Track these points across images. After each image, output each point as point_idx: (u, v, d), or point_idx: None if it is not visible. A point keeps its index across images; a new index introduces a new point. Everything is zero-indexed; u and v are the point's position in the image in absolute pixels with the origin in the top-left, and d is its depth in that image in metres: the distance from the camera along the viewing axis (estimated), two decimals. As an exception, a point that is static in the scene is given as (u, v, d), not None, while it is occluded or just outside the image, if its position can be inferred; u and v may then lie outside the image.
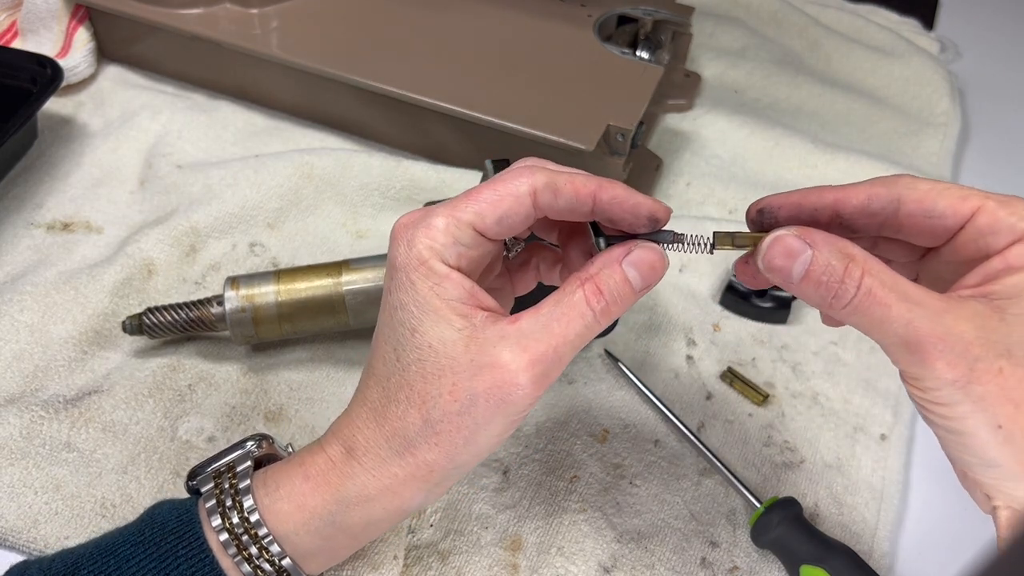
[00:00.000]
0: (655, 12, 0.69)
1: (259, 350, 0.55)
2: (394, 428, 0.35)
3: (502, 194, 0.33)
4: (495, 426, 0.34)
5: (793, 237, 0.32)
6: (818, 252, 0.32)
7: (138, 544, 0.37)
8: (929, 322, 0.30)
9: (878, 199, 0.34)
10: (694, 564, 0.47)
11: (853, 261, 0.31)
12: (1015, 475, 0.31)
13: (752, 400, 0.55)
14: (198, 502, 0.38)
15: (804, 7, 0.86)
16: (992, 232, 0.32)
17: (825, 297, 0.32)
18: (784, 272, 0.32)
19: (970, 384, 0.30)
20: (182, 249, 0.59)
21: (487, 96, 0.61)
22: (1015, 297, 0.31)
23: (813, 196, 0.34)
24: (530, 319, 0.33)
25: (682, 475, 0.51)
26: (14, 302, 0.55)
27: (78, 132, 0.67)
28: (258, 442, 0.41)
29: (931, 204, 0.33)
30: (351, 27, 0.66)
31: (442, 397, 0.33)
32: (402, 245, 0.34)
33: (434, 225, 0.34)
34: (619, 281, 0.34)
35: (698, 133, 0.72)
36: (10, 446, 0.48)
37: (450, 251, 0.34)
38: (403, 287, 0.34)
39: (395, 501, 0.36)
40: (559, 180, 0.33)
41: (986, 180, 0.74)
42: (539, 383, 0.33)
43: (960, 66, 0.84)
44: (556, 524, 0.48)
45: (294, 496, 0.37)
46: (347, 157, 0.64)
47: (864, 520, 0.50)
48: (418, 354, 0.34)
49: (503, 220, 0.33)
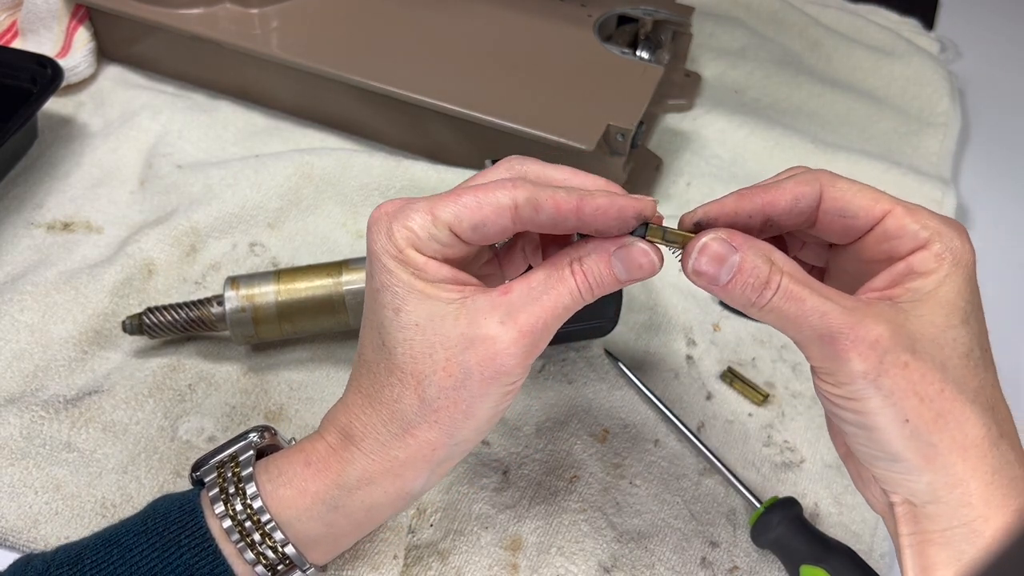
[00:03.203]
0: (655, 12, 0.69)
1: (259, 350, 0.55)
2: (391, 411, 0.35)
3: (482, 202, 0.33)
4: (491, 398, 0.34)
5: (720, 242, 0.33)
6: (745, 256, 0.33)
7: (141, 534, 0.37)
8: (842, 314, 0.32)
9: (804, 198, 0.34)
10: (694, 564, 0.47)
11: (774, 263, 0.32)
12: (917, 468, 0.32)
13: (752, 400, 0.55)
14: (201, 493, 0.38)
15: (804, 7, 0.86)
16: (897, 236, 0.34)
17: (750, 298, 0.33)
18: (710, 276, 0.33)
19: (879, 377, 0.31)
20: (182, 249, 0.59)
21: (487, 96, 0.61)
22: (917, 300, 0.33)
23: (746, 202, 0.35)
24: (520, 289, 0.34)
25: (682, 475, 0.51)
26: (14, 302, 0.55)
27: (78, 132, 0.67)
28: (260, 433, 0.41)
29: (846, 204, 0.34)
30: (351, 27, 0.66)
31: (436, 374, 0.34)
32: (380, 234, 0.35)
33: (412, 218, 0.34)
34: (604, 270, 0.34)
35: (698, 133, 0.72)
36: (10, 446, 0.48)
37: (427, 245, 0.34)
38: (383, 271, 0.34)
39: (397, 483, 0.36)
40: (540, 196, 0.33)
41: (986, 180, 0.74)
42: (529, 354, 0.34)
43: (960, 66, 0.84)
44: (556, 524, 0.48)
45: (295, 482, 0.37)
46: (347, 157, 0.64)
47: (864, 520, 0.50)
48: (403, 334, 0.34)
49: (479, 228, 0.34)
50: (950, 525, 0.32)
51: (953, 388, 0.32)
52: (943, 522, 0.32)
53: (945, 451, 0.32)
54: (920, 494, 0.33)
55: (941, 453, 0.32)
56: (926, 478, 0.32)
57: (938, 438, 0.32)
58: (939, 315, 0.32)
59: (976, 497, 0.32)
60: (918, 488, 0.32)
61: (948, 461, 0.32)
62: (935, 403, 0.31)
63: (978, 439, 0.32)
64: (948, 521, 0.32)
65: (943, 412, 0.32)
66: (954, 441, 0.32)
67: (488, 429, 0.36)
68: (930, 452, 0.32)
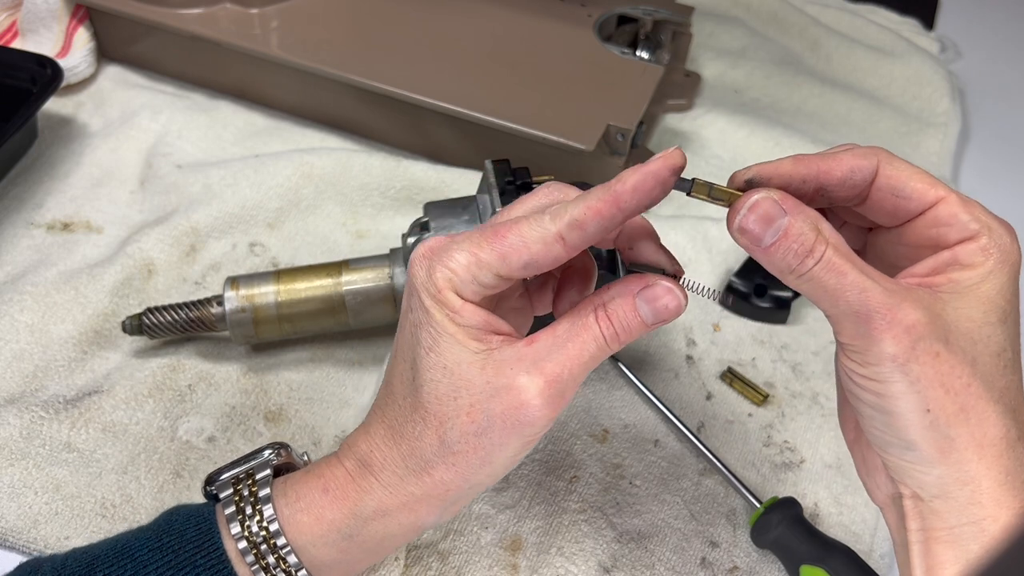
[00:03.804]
0: (655, 12, 0.69)
1: (259, 350, 0.55)
2: (411, 448, 0.35)
3: (527, 239, 0.33)
4: (510, 448, 0.34)
5: (771, 202, 0.32)
6: (793, 219, 0.32)
7: (156, 550, 0.36)
8: (882, 295, 0.31)
9: (860, 171, 0.34)
10: (694, 564, 0.47)
11: (820, 232, 0.32)
12: (930, 460, 0.32)
13: (752, 400, 0.55)
14: (216, 508, 0.38)
15: (804, 7, 0.86)
16: (947, 225, 0.33)
17: (791, 264, 0.32)
18: (755, 236, 0.32)
19: (909, 363, 0.31)
20: (182, 249, 0.59)
21: (487, 96, 0.61)
22: (958, 293, 0.32)
23: (802, 167, 0.34)
24: (546, 340, 0.34)
25: (682, 475, 0.51)
26: (14, 302, 0.55)
27: (78, 132, 0.67)
28: (276, 451, 0.40)
29: (901, 183, 0.34)
30: (351, 27, 0.66)
31: (459, 418, 0.34)
32: (421, 271, 0.34)
33: (455, 259, 0.33)
34: (629, 314, 0.34)
35: (698, 133, 0.72)
36: (10, 446, 0.48)
37: (467, 287, 0.33)
38: (421, 309, 0.34)
39: (411, 517, 0.36)
40: (578, 213, 0.32)
41: (986, 180, 0.74)
42: (554, 404, 0.33)
43: (960, 66, 0.84)
44: (556, 524, 0.48)
45: (313, 508, 0.37)
46: (347, 157, 0.64)
47: (864, 520, 0.50)
48: (431, 375, 0.34)
49: (529, 266, 0.33)
50: (958, 523, 0.32)
51: (980, 385, 0.31)
52: (950, 519, 0.32)
53: (961, 446, 0.31)
54: (929, 487, 0.32)
55: (957, 448, 0.31)
56: (937, 471, 0.32)
57: (956, 432, 0.31)
58: (978, 310, 0.32)
59: (987, 496, 0.31)
60: (928, 480, 0.32)
61: (963, 457, 0.31)
62: (960, 397, 0.31)
63: (996, 439, 0.31)
64: (956, 519, 0.32)
65: (966, 407, 0.31)
66: (972, 438, 0.31)
67: (503, 474, 0.36)
68: (946, 445, 0.31)
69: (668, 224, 0.63)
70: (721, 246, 0.62)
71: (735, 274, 0.60)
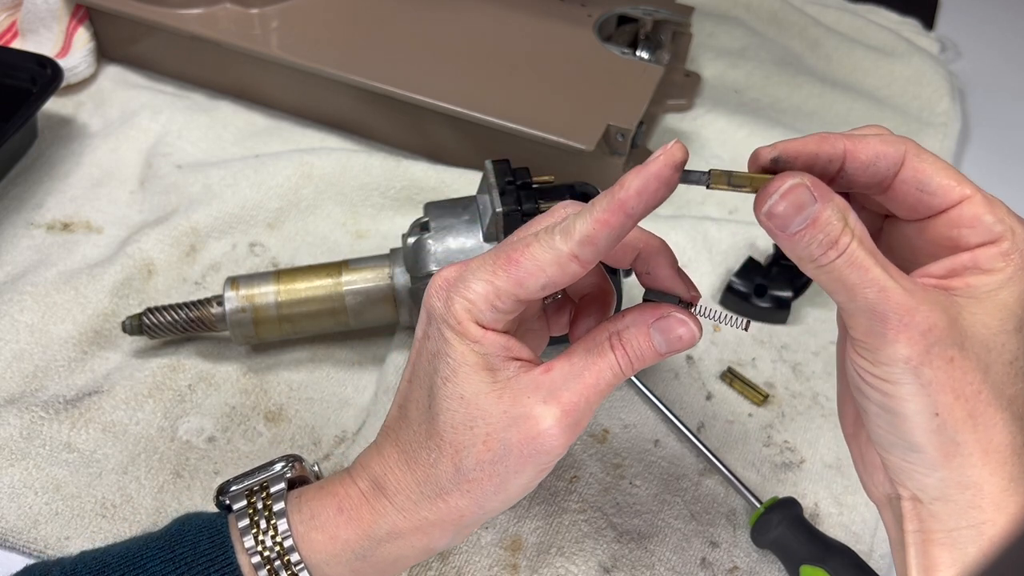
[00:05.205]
0: (655, 12, 0.69)
1: (259, 350, 0.55)
2: (426, 474, 0.35)
3: (541, 263, 0.32)
4: (525, 475, 0.34)
5: (805, 189, 0.31)
6: (823, 208, 0.31)
7: (168, 561, 0.36)
8: (902, 295, 0.30)
9: (885, 159, 0.33)
10: (694, 564, 0.47)
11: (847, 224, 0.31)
12: (934, 463, 0.31)
13: (752, 400, 0.55)
14: (228, 520, 0.38)
15: (804, 7, 0.86)
16: (969, 226, 0.32)
17: (813, 254, 0.31)
18: (782, 222, 0.31)
19: (921, 367, 0.30)
20: (182, 249, 0.59)
21: (487, 96, 0.61)
22: (975, 299, 0.32)
23: (828, 146, 0.33)
24: (562, 368, 0.34)
25: (682, 475, 0.51)
26: (14, 302, 0.55)
27: (78, 132, 0.67)
28: (290, 464, 0.40)
29: (927, 177, 0.33)
30: (351, 27, 0.66)
31: (475, 447, 0.34)
32: (439, 303, 0.34)
33: (472, 289, 0.33)
34: (644, 344, 0.34)
35: (698, 133, 0.72)
36: (10, 446, 0.48)
37: (486, 316, 0.33)
38: (440, 339, 0.34)
39: (423, 540, 0.36)
40: (586, 229, 0.32)
41: (986, 180, 0.73)
42: (570, 433, 0.33)
43: (960, 66, 0.84)
44: (556, 524, 0.48)
45: (328, 527, 0.37)
46: (347, 157, 0.64)
47: (864, 521, 0.50)
48: (448, 404, 0.34)
49: (547, 287, 0.33)
50: (956, 526, 0.32)
51: (990, 392, 0.31)
52: (949, 522, 0.32)
53: (967, 451, 0.31)
54: (929, 490, 0.32)
55: (962, 453, 0.31)
56: (940, 474, 0.31)
57: (963, 437, 0.31)
58: (994, 318, 0.31)
59: (988, 501, 0.31)
60: (929, 483, 0.32)
61: (967, 462, 0.31)
62: (969, 403, 0.31)
63: (1002, 445, 0.31)
64: (955, 522, 0.32)
65: (975, 413, 0.31)
66: (978, 443, 0.31)
67: (516, 501, 0.36)
68: (951, 449, 0.31)
69: (668, 224, 0.63)
70: (721, 246, 0.62)
71: (735, 274, 0.60)
